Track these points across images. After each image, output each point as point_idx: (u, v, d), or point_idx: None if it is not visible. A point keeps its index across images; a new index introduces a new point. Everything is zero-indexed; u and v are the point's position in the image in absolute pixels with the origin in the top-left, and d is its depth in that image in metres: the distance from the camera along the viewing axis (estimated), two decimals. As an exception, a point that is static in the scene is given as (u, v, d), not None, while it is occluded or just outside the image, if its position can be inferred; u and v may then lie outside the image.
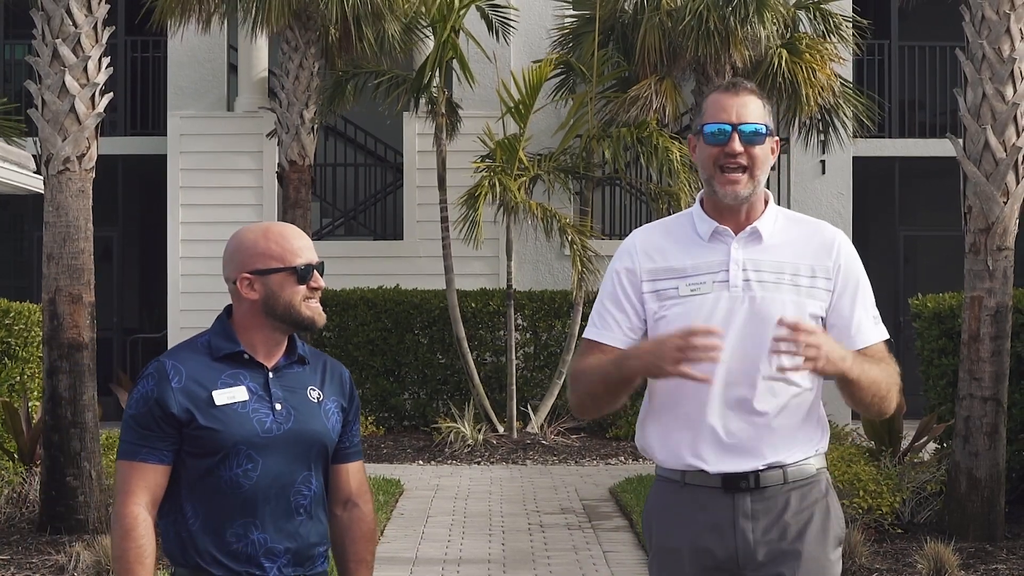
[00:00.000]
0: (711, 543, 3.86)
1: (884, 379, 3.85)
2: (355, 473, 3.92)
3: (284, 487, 3.69)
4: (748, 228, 3.92)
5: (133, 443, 3.67)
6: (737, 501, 3.85)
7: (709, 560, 3.87)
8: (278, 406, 3.71)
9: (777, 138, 4.00)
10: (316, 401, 3.78)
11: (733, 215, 3.92)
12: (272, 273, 3.71)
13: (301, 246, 3.74)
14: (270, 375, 3.74)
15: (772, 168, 4.05)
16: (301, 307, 3.72)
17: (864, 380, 3.78)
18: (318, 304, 3.76)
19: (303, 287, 3.72)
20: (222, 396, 3.67)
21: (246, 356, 3.73)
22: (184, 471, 3.67)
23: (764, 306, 3.83)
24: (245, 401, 3.68)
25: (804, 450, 3.89)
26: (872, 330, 3.92)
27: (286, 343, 3.80)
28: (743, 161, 3.87)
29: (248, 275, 3.72)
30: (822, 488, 3.92)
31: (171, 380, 3.66)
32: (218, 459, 3.65)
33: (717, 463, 3.84)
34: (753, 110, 3.89)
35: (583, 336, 4.06)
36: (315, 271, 3.74)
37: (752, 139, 3.87)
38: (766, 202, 3.97)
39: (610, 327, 3.96)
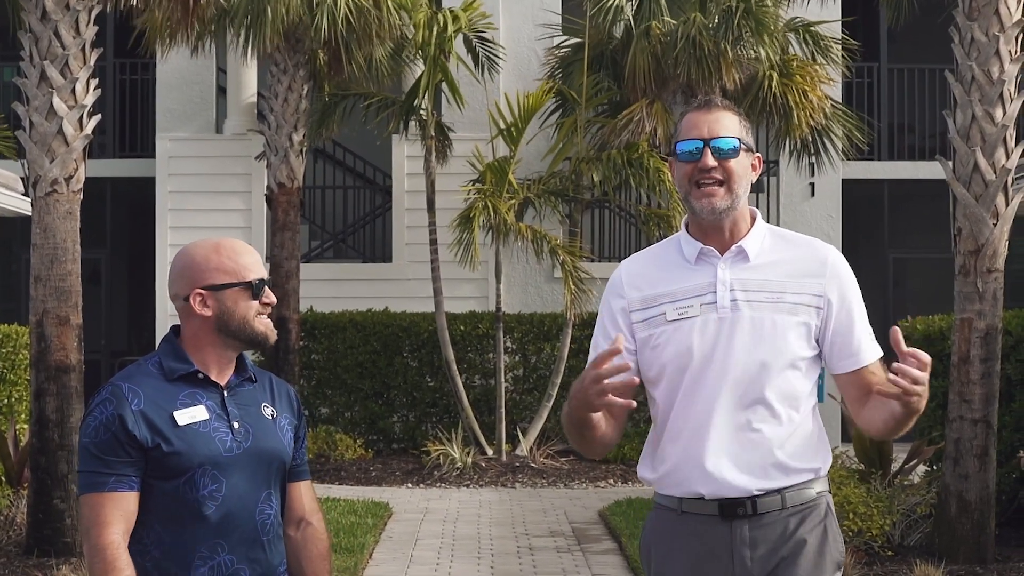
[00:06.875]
0: (710, 570, 3.80)
1: None
2: (306, 491, 3.87)
3: (249, 507, 3.64)
4: (734, 247, 3.85)
5: (99, 472, 3.54)
6: (735, 528, 3.77)
7: None
8: (236, 424, 3.65)
9: (758, 154, 3.94)
10: (271, 418, 3.73)
11: (718, 235, 3.86)
12: (226, 288, 3.66)
13: (253, 261, 3.71)
14: (225, 394, 3.69)
15: (761, 191, 4.02)
16: (255, 323, 3.69)
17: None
18: (269, 320, 3.73)
19: (256, 302, 3.68)
20: (183, 416, 3.60)
21: (200, 376, 3.67)
22: (148, 495, 3.57)
23: (754, 326, 3.77)
24: (206, 420, 3.62)
25: (804, 474, 3.81)
26: (872, 347, 3.86)
27: (235, 361, 3.77)
28: (718, 175, 3.80)
29: (201, 291, 3.67)
30: (821, 512, 3.83)
31: (130, 403, 3.57)
32: (183, 480, 3.56)
33: (714, 489, 3.77)
34: (727, 125, 3.84)
35: None
36: (266, 286, 3.71)
37: (725, 153, 3.81)
38: (754, 220, 3.91)
39: None
